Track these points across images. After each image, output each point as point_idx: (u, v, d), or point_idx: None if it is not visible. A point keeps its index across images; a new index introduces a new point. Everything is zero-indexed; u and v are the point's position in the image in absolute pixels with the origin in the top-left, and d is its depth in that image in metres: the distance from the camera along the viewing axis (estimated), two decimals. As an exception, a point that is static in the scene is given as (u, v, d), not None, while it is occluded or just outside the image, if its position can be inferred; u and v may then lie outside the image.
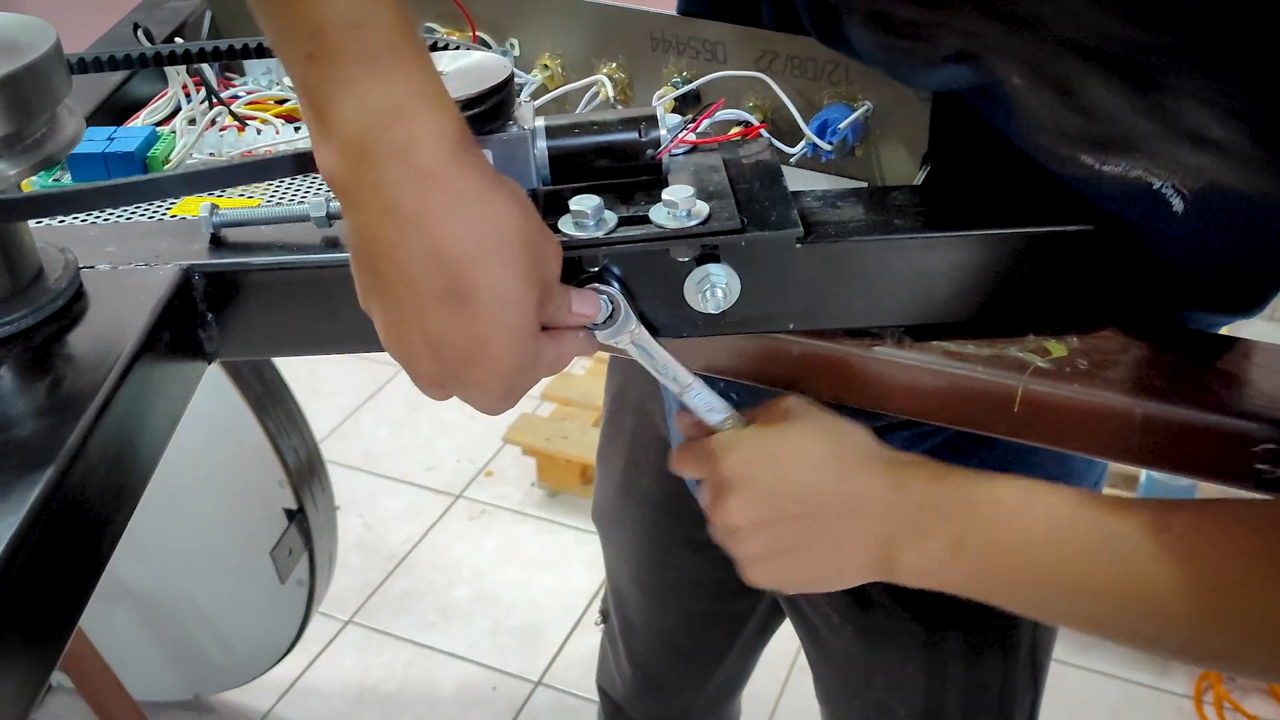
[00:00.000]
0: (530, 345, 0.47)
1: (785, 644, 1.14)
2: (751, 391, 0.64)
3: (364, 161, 0.43)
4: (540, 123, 0.54)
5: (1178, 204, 0.50)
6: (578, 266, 0.53)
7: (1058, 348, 0.57)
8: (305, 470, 1.40)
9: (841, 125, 0.61)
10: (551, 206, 0.53)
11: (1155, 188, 0.50)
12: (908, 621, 0.86)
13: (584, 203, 0.52)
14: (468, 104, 0.50)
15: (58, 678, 1.68)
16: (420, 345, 0.46)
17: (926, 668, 0.87)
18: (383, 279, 0.45)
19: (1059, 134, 0.32)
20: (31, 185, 0.65)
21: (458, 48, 0.58)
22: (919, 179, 0.62)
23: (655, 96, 0.67)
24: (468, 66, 0.53)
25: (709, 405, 0.58)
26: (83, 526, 0.45)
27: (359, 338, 0.58)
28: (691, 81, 0.65)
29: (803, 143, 0.62)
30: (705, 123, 0.61)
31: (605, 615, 1.14)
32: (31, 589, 0.40)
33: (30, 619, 0.41)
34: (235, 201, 0.62)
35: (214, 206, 0.56)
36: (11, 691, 0.39)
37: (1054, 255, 0.55)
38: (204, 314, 0.56)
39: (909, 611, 0.86)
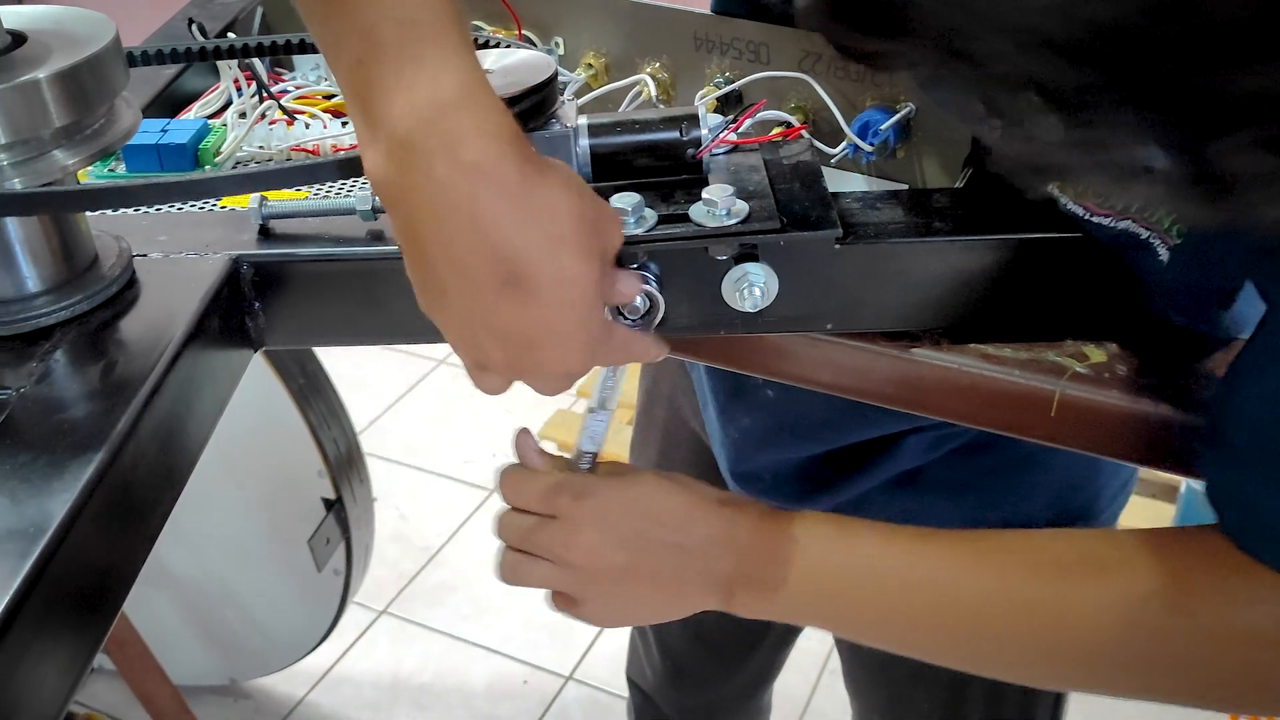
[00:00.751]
0: (597, 319, 0.47)
1: (818, 645, 1.14)
2: (785, 389, 0.64)
3: (410, 159, 0.43)
4: (582, 121, 0.54)
5: (1164, 254, 0.51)
6: (617, 264, 0.54)
7: (1096, 353, 0.56)
8: (344, 461, 1.42)
9: (883, 127, 0.61)
10: (593, 203, 0.54)
11: (1143, 238, 0.51)
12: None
13: (624, 200, 0.52)
14: (511, 101, 0.51)
15: (99, 659, 1.72)
16: (486, 338, 0.46)
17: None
18: (438, 276, 0.45)
19: (1010, 160, 0.34)
20: (87, 175, 0.67)
21: (501, 45, 0.59)
22: (960, 182, 0.62)
23: (698, 96, 0.67)
24: (512, 64, 0.54)
25: (596, 436, 0.62)
26: (133, 505, 0.46)
27: (401, 329, 0.59)
28: (734, 82, 0.66)
29: (844, 144, 0.62)
30: (747, 123, 0.61)
31: None
32: (83, 564, 0.41)
33: (81, 593, 0.42)
34: (284, 194, 0.63)
35: (263, 198, 0.57)
36: (62, 663, 0.40)
37: (1092, 261, 0.55)
38: (252, 303, 0.57)
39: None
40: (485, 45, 0.60)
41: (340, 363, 1.42)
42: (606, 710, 1.73)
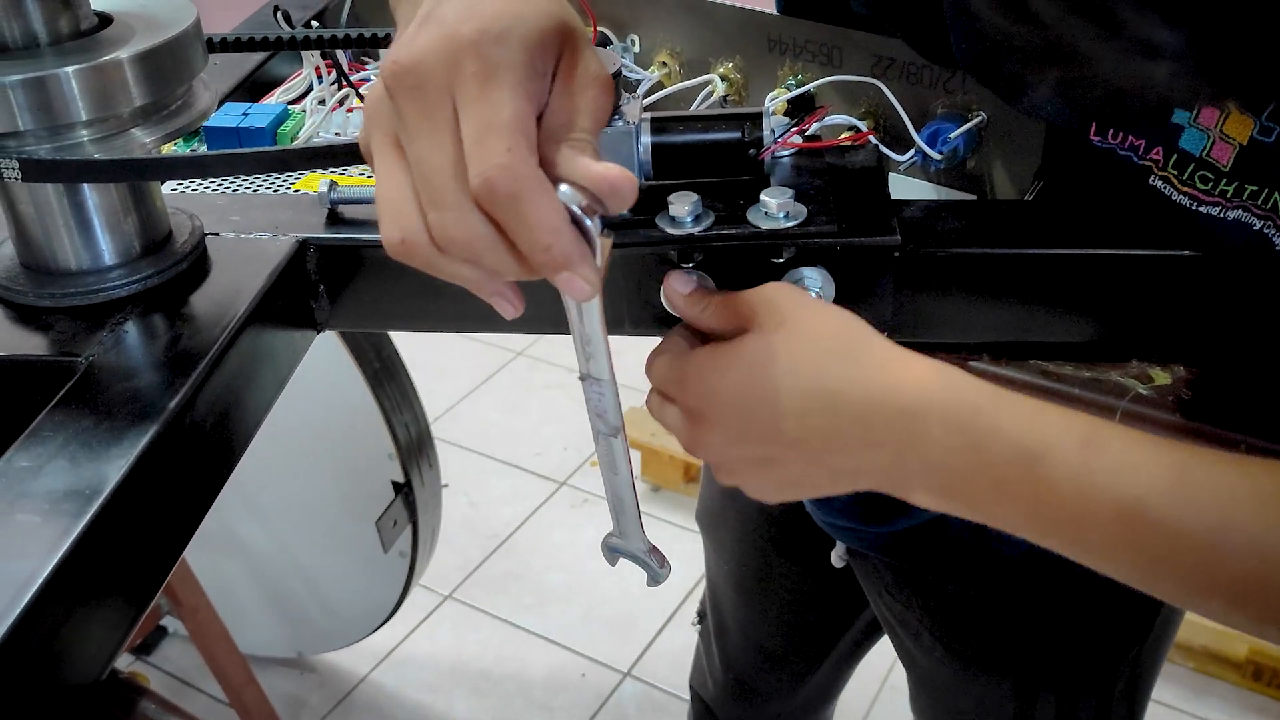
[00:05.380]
0: (506, 60, 0.41)
1: (880, 660, 1.13)
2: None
3: None
4: (645, 117, 0.54)
5: None
6: (674, 262, 0.54)
7: (1161, 375, 0.55)
8: (414, 446, 1.44)
9: (953, 135, 0.60)
10: (652, 202, 0.54)
11: (1257, 229, 0.49)
12: (999, 649, 0.84)
13: (682, 199, 0.52)
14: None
15: (174, 625, 1.78)
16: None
17: (1015, 695, 0.85)
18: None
19: (1020, 54, 0.32)
20: (173, 152, 0.69)
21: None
22: (1031, 195, 0.61)
23: (769, 98, 0.67)
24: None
25: (605, 411, 0.50)
26: (186, 476, 0.47)
27: (461, 318, 0.60)
28: (805, 84, 0.65)
29: (913, 151, 0.61)
30: (815, 125, 0.61)
31: (702, 616, 1.15)
32: (134, 528, 0.43)
33: (130, 555, 0.43)
34: (354, 179, 0.64)
35: (333, 183, 0.59)
36: (109, 621, 0.42)
37: (1164, 280, 0.54)
38: (316, 285, 0.58)
39: (1001, 639, 0.84)
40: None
41: (419, 350, 1.45)
42: (662, 709, 1.73)
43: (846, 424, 0.46)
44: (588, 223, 0.40)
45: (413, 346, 1.54)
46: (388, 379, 1.39)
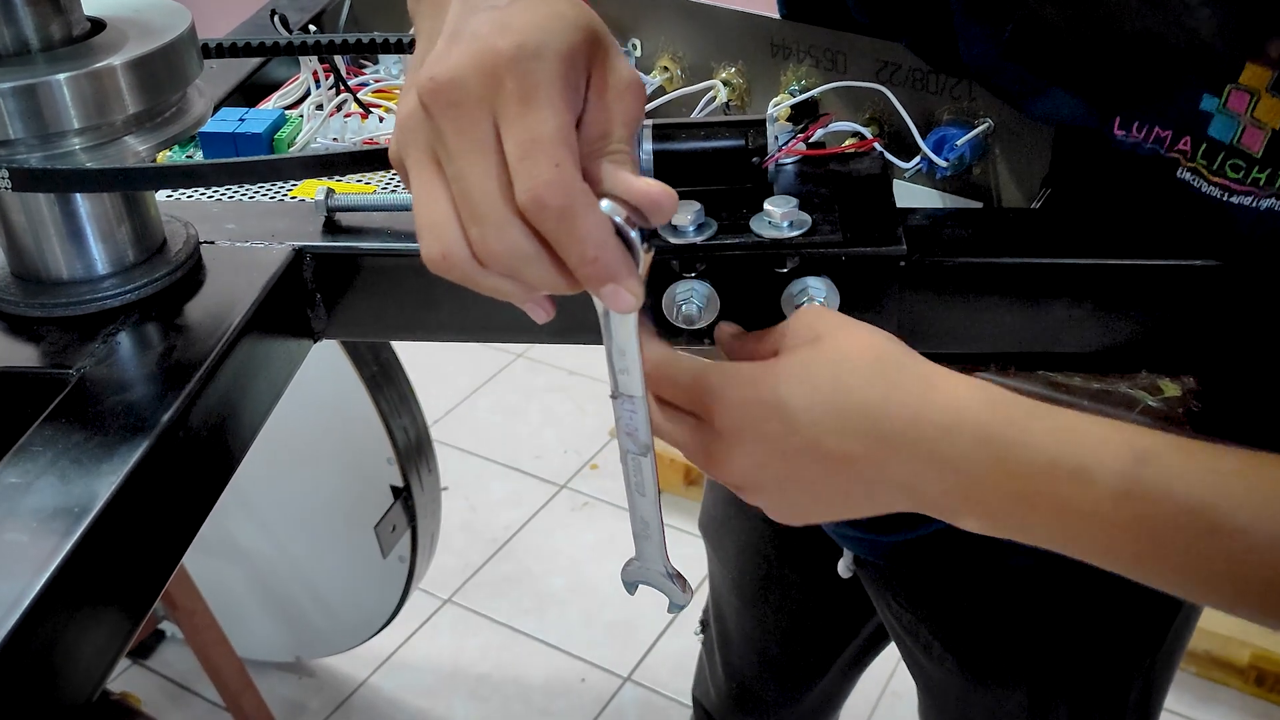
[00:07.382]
0: (542, 61, 0.40)
1: (882, 665, 1.12)
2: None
3: None
4: (647, 124, 0.54)
5: None
6: (676, 272, 0.53)
7: (1171, 387, 0.54)
8: (413, 450, 1.43)
9: (959, 143, 0.59)
10: (654, 209, 0.53)
11: None
12: (1011, 659, 0.83)
13: (685, 208, 0.51)
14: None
15: (171, 629, 1.77)
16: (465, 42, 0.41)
17: (1028, 706, 0.84)
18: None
19: (1050, 22, 0.30)
20: (168, 158, 0.68)
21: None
22: (1038, 203, 0.60)
23: (771, 103, 0.66)
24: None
25: (635, 430, 0.48)
26: (180, 490, 0.47)
27: (458, 328, 0.59)
28: (809, 90, 0.64)
29: (918, 158, 0.61)
30: (819, 133, 0.60)
31: (705, 625, 1.14)
32: (125, 546, 0.42)
33: (121, 574, 0.42)
34: (351, 187, 0.63)
35: (330, 190, 0.58)
36: (98, 643, 0.41)
37: (1174, 290, 0.53)
38: (313, 294, 0.58)
39: (1014, 650, 0.83)
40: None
41: (418, 352, 1.44)
42: (662, 714, 1.72)
43: (889, 442, 0.45)
44: (632, 235, 0.41)
45: (411, 348, 1.53)
46: (386, 383, 1.38)
